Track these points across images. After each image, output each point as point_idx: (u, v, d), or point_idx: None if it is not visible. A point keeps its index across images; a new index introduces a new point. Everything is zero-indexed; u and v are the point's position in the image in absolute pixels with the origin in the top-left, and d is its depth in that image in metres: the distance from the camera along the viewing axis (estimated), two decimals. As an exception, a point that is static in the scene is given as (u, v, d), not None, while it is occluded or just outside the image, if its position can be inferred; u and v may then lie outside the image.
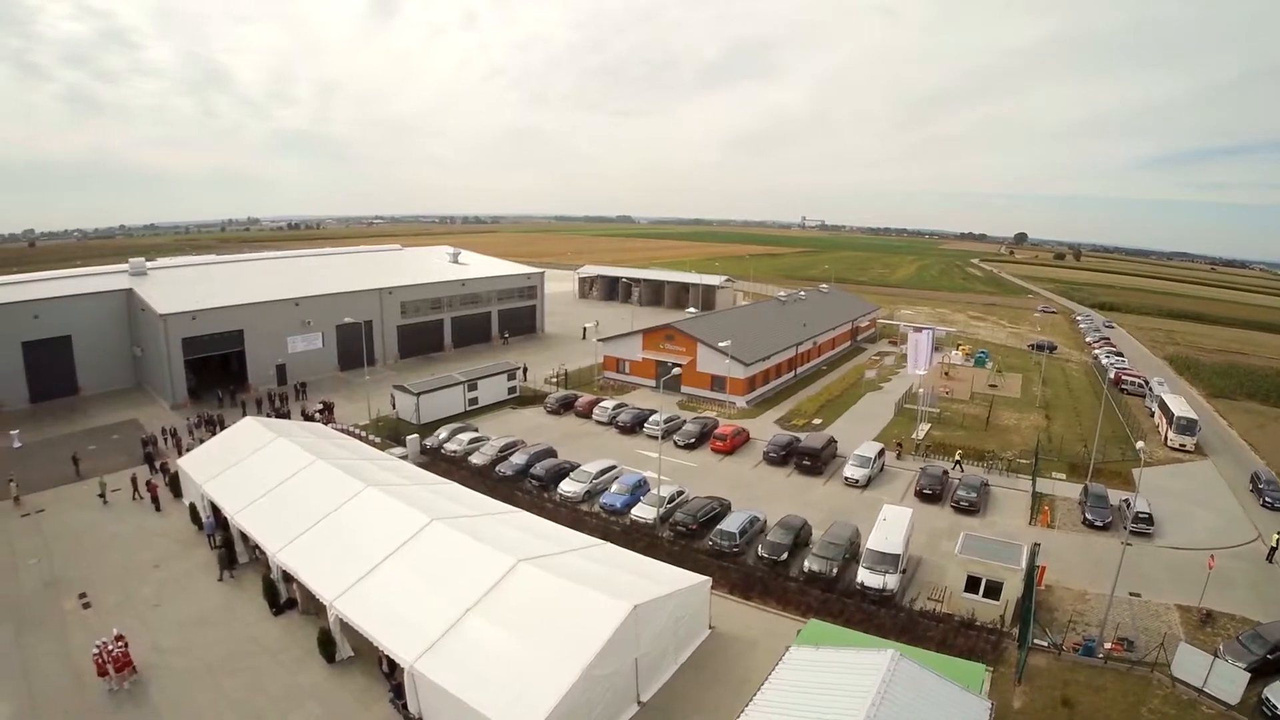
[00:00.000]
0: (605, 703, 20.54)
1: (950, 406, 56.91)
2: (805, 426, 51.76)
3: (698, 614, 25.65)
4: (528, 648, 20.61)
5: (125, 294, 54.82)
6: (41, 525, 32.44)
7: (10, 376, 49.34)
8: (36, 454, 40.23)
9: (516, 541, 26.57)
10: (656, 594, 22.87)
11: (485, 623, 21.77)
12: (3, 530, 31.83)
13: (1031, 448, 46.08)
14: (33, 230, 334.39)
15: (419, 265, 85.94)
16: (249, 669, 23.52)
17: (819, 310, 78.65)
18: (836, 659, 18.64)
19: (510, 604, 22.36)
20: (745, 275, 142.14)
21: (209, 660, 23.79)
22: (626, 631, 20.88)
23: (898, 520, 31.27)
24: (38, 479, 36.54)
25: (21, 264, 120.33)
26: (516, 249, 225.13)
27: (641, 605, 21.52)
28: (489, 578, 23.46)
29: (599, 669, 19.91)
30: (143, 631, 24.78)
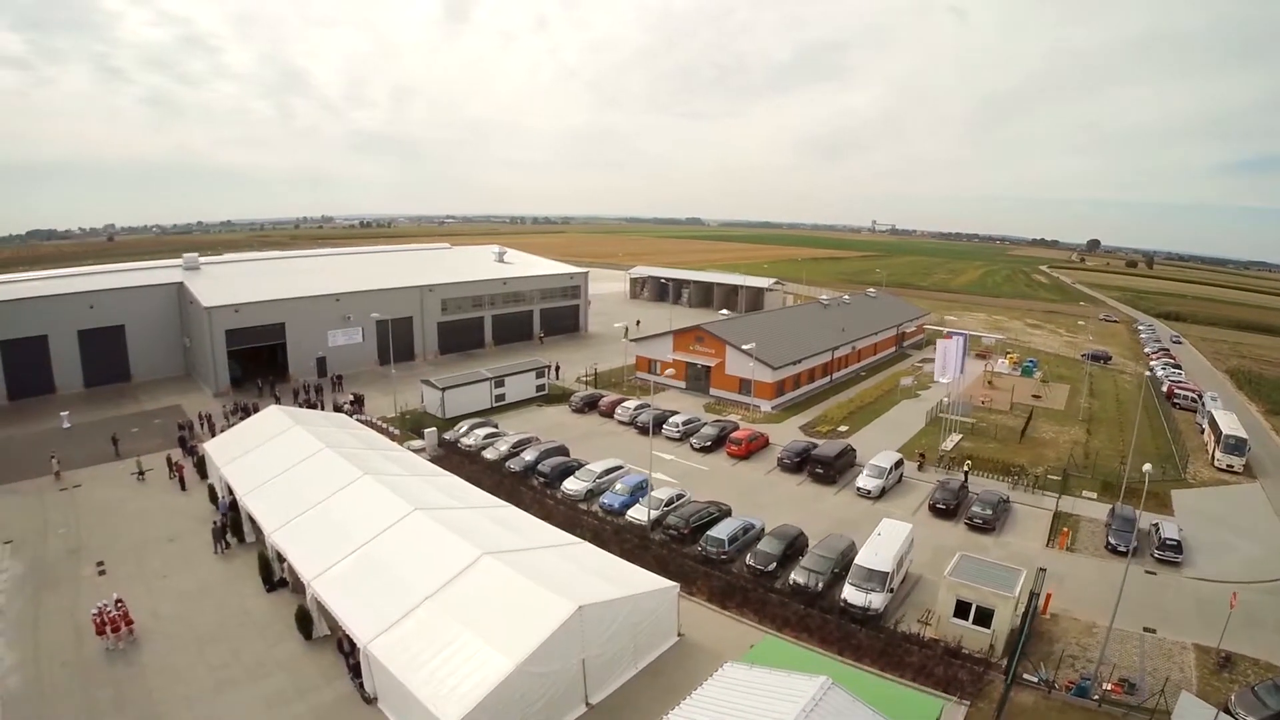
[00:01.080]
0: (546, 700, 21.28)
1: (987, 417, 55.23)
2: (829, 433, 51.14)
3: (663, 620, 26.01)
4: (472, 638, 21.63)
5: (177, 287, 60.23)
6: (76, 499, 36.42)
7: (67, 362, 55.05)
8: (83, 435, 44.86)
9: (491, 535, 27.85)
10: (609, 596, 23.51)
11: (439, 611, 23.03)
12: (40, 502, 35.94)
13: (1066, 463, 44.28)
14: (113, 225, 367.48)
15: (464, 264, 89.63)
16: (233, 639, 25.75)
17: (862, 315, 77.38)
18: (767, 681, 18.47)
19: (466, 595, 23.58)
20: (797, 278, 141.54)
21: (199, 629, 26.24)
22: (570, 631, 21.58)
23: (894, 536, 30.61)
24: (79, 457, 40.90)
25: (99, 257, 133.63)
26: (579, 249, 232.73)
27: (588, 606, 22.17)
28: (453, 568, 24.80)
29: (537, 666, 20.70)
30: (146, 599, 27.59)
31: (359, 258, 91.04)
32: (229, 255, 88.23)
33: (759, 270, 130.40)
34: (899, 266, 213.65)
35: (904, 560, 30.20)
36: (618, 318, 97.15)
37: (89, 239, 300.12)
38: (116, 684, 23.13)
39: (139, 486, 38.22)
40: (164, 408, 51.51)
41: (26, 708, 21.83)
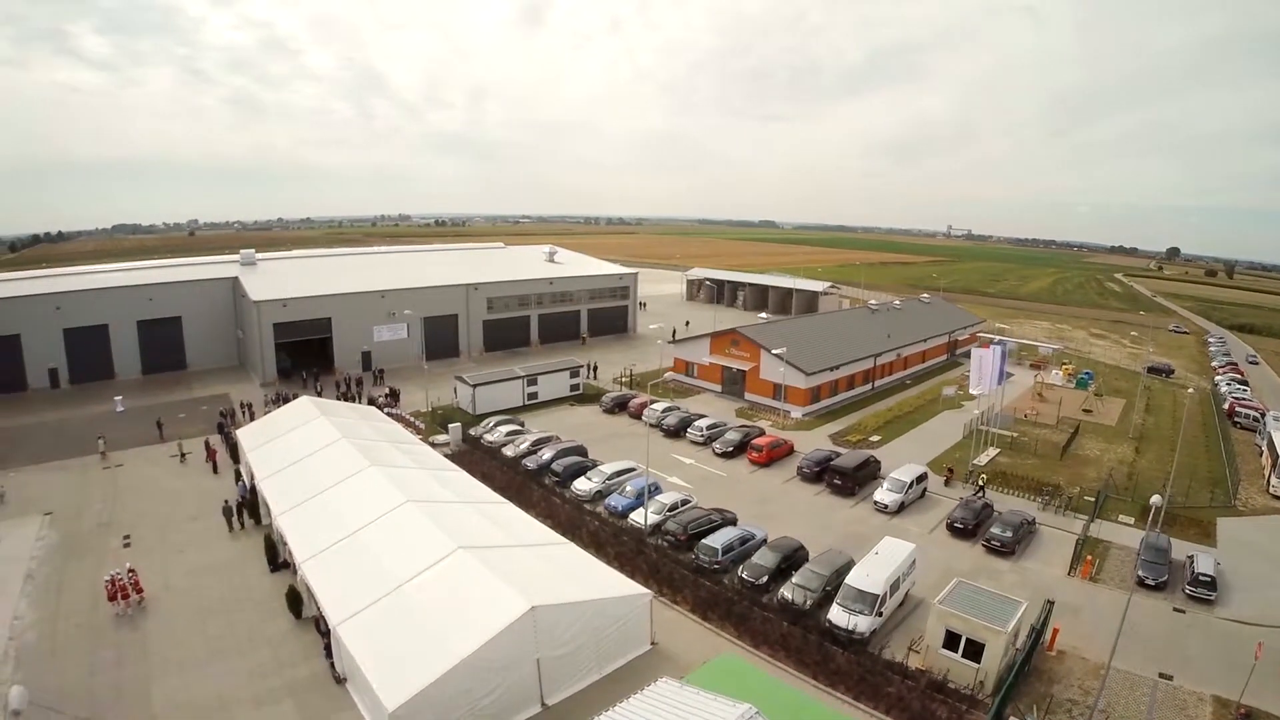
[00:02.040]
0: (496, 696, 22.03)
1: (1030, 431, 53.23)
2: (859, 443, 50.27)
3: (633, 627, 26.26)
4: (429, 628, 22.80)
5: (232, 282, 65.36)
6: (117, 477, 40.38)
7: (126, 350, 60.77)
8: (134, 418, 49.49)
9: (474, 530, 29.02)
10: (569, 599, 24.09)
11: (406, 599, 24.32)
12: (84, 479, 40.07)
13: (1104, 484, 42.10)
14: (197, 220, 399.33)
15: (513, 263, 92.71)
16: (231, 613, 28.02)
17: (912, 321, 75.62)
18: (692, 702, 18.18)
19: (433, 586, 24.78)
20: (855, 282, 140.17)
21: (203, 602, 28.71)
22: (522, 630, 22.29)
23: (892, 556, 29.76)
24: (126, 439, 45.26)
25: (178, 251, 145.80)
26: (647, 251, 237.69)
27: (542, 607, 22.80)
28: (428, 559, 26.11)
29: (485, 661, 21.52)
30: (161, 571, 30.44)
31: (414, 256, 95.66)
32: (287, 252, 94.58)
33: (816, 274, 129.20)
34: (968, 273, 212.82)
35: (901, 582, 29.26)
36: (670, 319, 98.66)
37: (171, 234, 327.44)
38: (119, 646, 25.76)
39: (176, 467, 41.98)
40: (213, 395, 56.14)
41: (37, 660, 24.72)
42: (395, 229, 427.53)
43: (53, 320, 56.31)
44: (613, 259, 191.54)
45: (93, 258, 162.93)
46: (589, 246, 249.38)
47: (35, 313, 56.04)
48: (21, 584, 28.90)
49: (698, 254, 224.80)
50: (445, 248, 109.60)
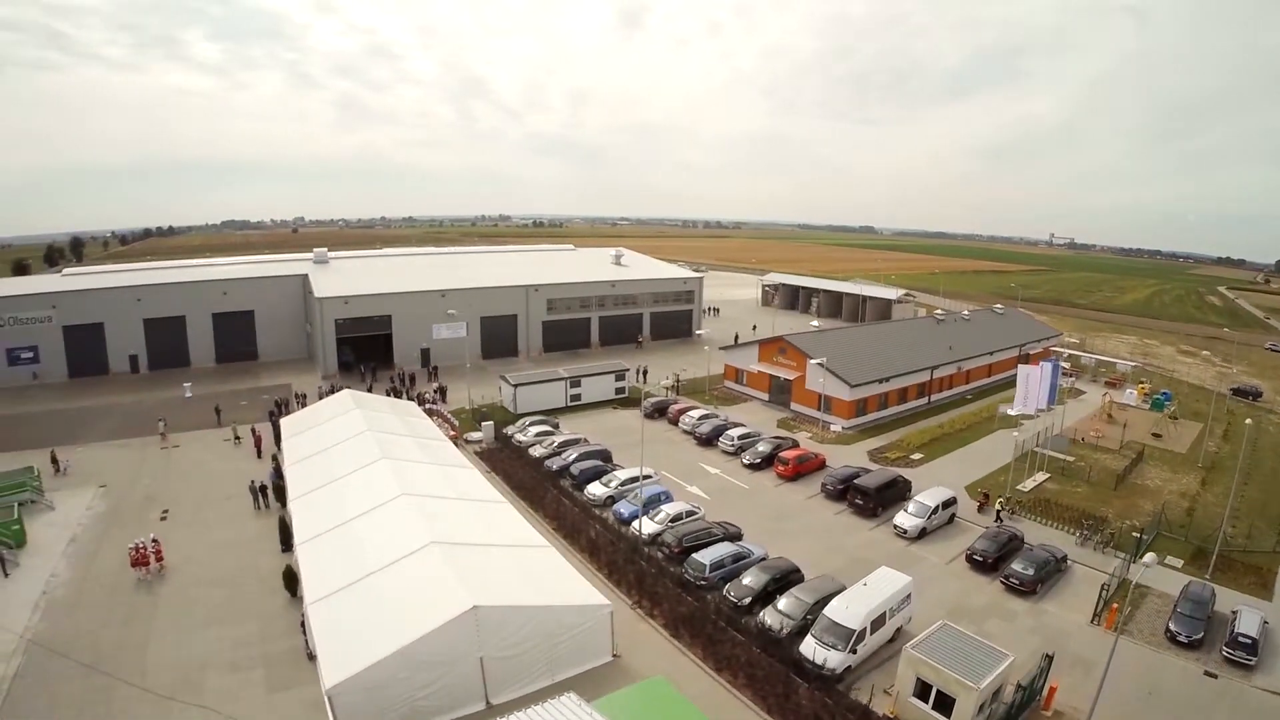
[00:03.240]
0: (436, 689, 23.15)
1: (1089, 455, 49.61)
2: (898, 461, 48.54)
3: (591, 637, 26.53)
4: (382, 616, 24.30)
5: (302, 279, 71.24)
6: (170, 457, 45.34)
7: (201, 341, 67.60)
8: (199, 404, 55.13)
9: (457, 527, 30.51)
10: (518, 602, 24.88)
11: (373, 587, 26.00)
12: (141, 457, 45.22)
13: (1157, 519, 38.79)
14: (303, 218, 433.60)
15: (579, 265, 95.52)
16: (236, 587, 30.96)
17: (980, 332, 72.29)
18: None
19: (400, 576, 26.35)
20: (934, 290, 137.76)
21: (215, 574, 31.89)
22: (463, 627, 23.30)
23: (882, 588, 28.45)
24: (187, 422, 50.64)
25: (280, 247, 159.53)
26: (738, 254, 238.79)
27: (485, 608, 23.72)
28: (403, 550, 27.77)
29: (422, 653, 22.70)
30: (185, 544, 34.06)
31: (482, 256, 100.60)
32: (362, 251, 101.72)
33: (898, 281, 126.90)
34: (1063, 282, 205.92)
35: (889, 618, 27.82)
36: (740, 324, 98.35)
37: (276, 230, 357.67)
38: (132, 606, 29.23)
39: (227, 450, 46.58)
40: (276, 385, 61.52)
41: (61, 611, 28.61)
42: (494, 229, 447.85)
43: (134, 311, 63.96)
44: (703, 263, 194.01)
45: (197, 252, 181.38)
46: (682, 250, 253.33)
47: (118, 303, 63.79)
48: (65, 546, 33.35)
49: (789, 259, 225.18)
50: (516, 249, 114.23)
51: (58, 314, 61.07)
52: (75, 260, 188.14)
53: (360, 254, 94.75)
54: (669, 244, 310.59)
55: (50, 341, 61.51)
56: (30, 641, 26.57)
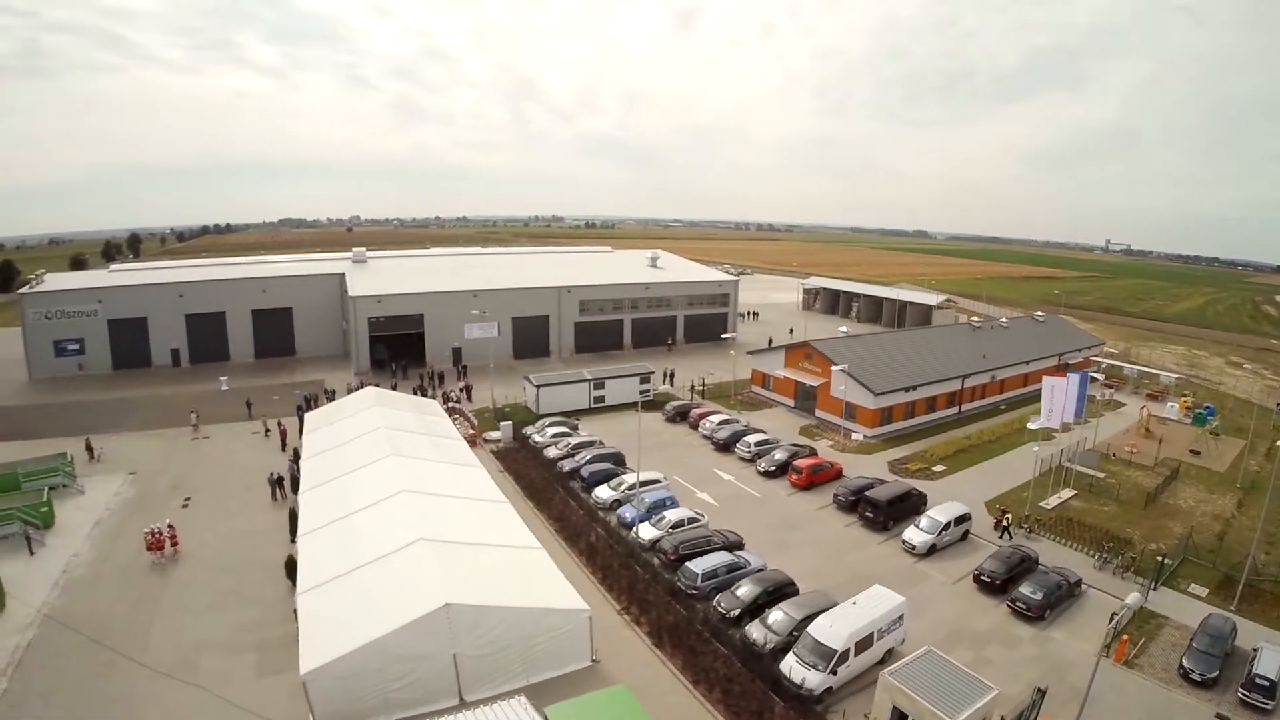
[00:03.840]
0: (409, 682, 23.85)
1: (1122, 472, 47.47)
2: (918, 473, 47.40)
3: (570, 641, 26.74)
4: (362, 608, 25.14)
5: (340, 277, 73.86)
6: (200, 447, 47.83)
7: (241, 336, 70.87)
8: (234, 397, 57.59)
9: (449, 525, 31.08)
10: (493, 602, 25.31)
11: (360, 579, 26.94)
12: (172, 446, 47.80)
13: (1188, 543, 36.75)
14: (358, 217, 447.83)
15: (614, 267, 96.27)
16: (243, 574, 32.44)
17: (1018, 340, 70.05)
18: None
19: (386, 571, 27.22)
20: (978, 295, 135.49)
21: (225, 561, 33.51)
22: (434, 624, 23.93)
23: (871, 608, 27.65)
24: (219, 414, 53.27)
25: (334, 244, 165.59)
26: (786, 257, 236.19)
27: (458, 606, 24.30)
28: (394, 545, 28.67)
29: (395, 646, 23.46)
30: (202, 531, 35.90)
31: (519, 257, 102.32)
32: (399, 251, 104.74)
33: (943, 286, 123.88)
34: (1115, 290, 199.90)
35: (876, 639, 26.99)
36: (779, 328, 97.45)
37: (331, 229, 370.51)
38: (145, 588, 31.04)
39: (255, 442, 48.78)
40: (309, 381, 64.06)
41: (78, 589, 30.69)
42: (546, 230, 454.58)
43: (176, 306, 67.65)
44: (749, 266, 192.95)
45: (251, 249, 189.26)
46: (731, 252, 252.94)
47: (161, 299, 67.55)
48: (90, 529, 35.60)
49: (838, 262, 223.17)
50: (555, 250, 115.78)
51: (103, 308, 65.21)
52: (133, 256, 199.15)
53: (398, 254, 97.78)
54: (719, 246, 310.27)
55: (96, 334, 65.66)
56: (46, 616, 28.50)
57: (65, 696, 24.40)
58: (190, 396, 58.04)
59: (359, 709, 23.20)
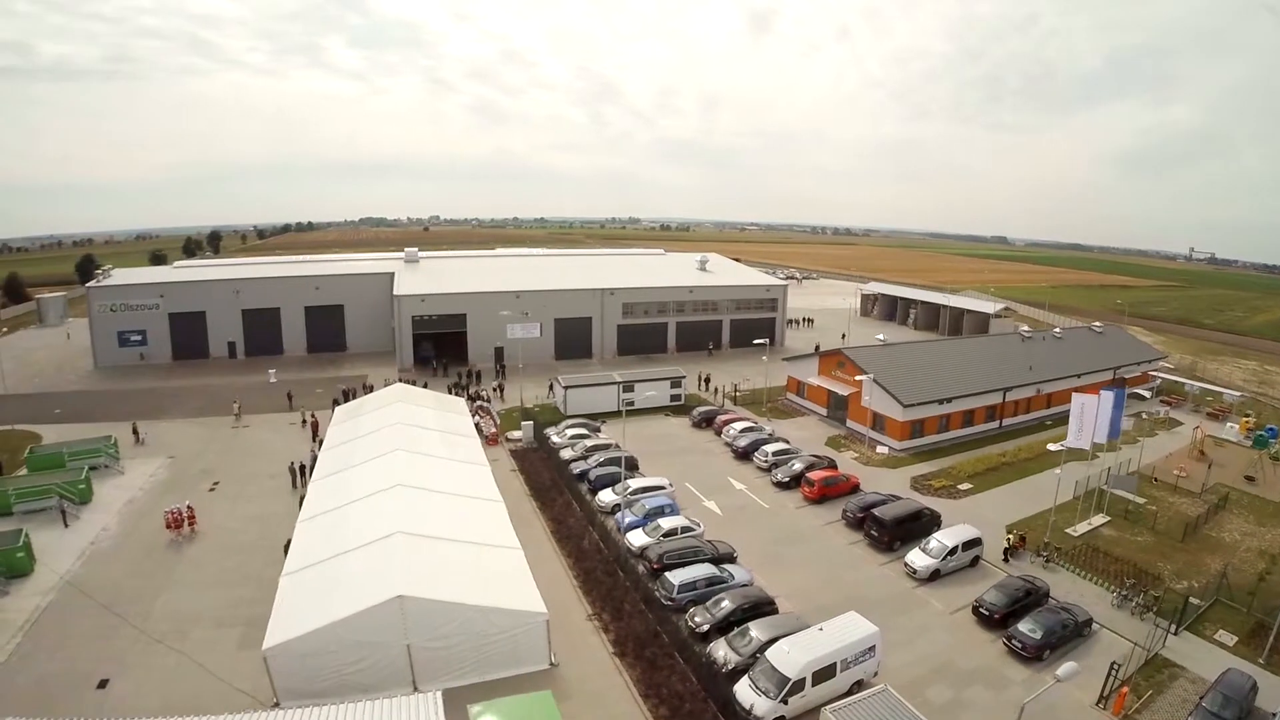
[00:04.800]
0: (364, 667, 24.99)
1: (1164, 498, 44.10)
2: (942, 490, 45.53)
3: (526, 643, 27.11)
4: (329, 593, 26.55)
5: (390, 276, 77.09)
6: (238, 435, 51.36)
7: (294, 331, 75.33)
8: (280, 389, 61.24)
9: (433, 520, 32.10)
10: (444, 598, 26.07)
11: (338, 566, 28.45)
12: (212, 434, 51.48)
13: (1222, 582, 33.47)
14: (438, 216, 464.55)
15: (663, 269, 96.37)
16: (250, 554, 34.68)
17: (1070, 352, 66.12)
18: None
19: (361, 560, 28.56)
20: (1041, 303, 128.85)
21: (237, 542, 35.99)
22: (387, 613, 24.97)
23: (838, 635, 26.51)
24: (262, 405, 56.92)
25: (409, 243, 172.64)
26: (859, 262, 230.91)
27: (411, 598, 25.27)
28: (374, 535, 30.04)
29: (349, 631, 24.68)
30: (221, 514, 38.69)
31: (570, 259, 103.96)
32: (449, 251, 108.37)
33: (991, 292, 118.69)
34: (1193, 300, 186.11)
35: (839, 669, 25.79)
36: (833, 335, 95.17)
37: (410, 228, 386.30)
38: (159, 562, 33.92)
39: (288, 433, 51.83)
40: (354, 375, 67.35)
41: (99, 560, 33.90)
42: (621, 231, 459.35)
43: (233, 301, 72.76)
44: (814, 270, 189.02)
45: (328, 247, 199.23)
46: (807, 258, 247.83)
47: (219, 294, 72.81)
48: (122, 506, 39.00)
49: (911, 268, 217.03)
50: (607, 252, 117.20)
51: (164, 302, 71.00)
52: (213, 252, 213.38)
53: (450, 254, 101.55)
54: (792, 250, 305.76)
55: (157, 327, 71.51)
56: (67, 582, 31.52)
57: (68, 653, 27.11)
58: (239, 387, 62.35)
59: (317, 687, 24.38)
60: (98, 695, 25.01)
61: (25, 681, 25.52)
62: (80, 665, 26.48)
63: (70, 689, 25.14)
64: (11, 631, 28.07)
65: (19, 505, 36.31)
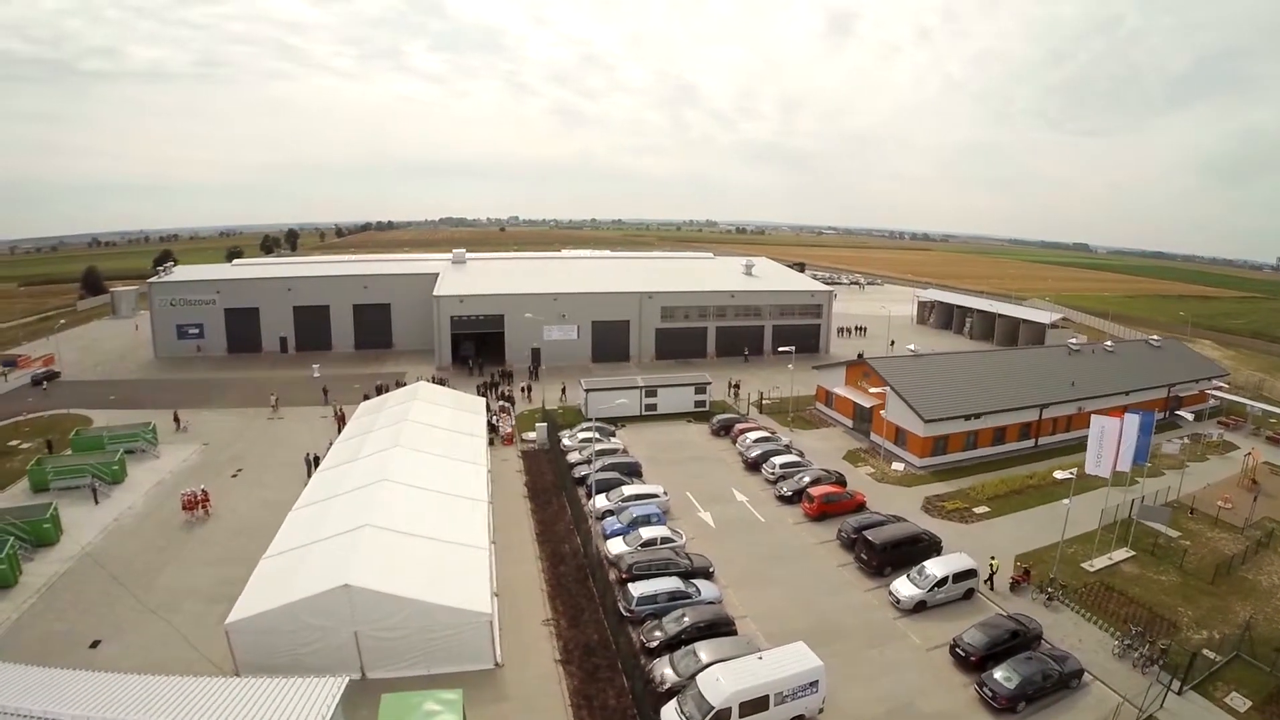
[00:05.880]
0: (316, 649, 26.46)
1: (1202, 532, 40.35)
2: (956, 513, 43.37)
3: (470, 641, 27.81)
4: (291, 577, 28.29)
5: (434, 276, 79.81)
6: (271, 426, 54.89)
7: (342, 328, 79.33)
8: (321, 384, 64.14)
9: (406, 516, 33.38)
10: (389, 590, 27.16)
11: (308, 552, 30.23)
12: (249, 423, 55.17)
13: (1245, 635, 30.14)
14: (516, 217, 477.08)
15: (709, 273, 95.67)
16: (253, 538, 36.06)
17: (1121, 367, 61.50)
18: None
19: (328, 548, 30.17)
20: (1104, 313, 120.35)
21: (245, 526, 38.48)
22: (335, 600, 26.43)
23: (778, 666, 25.42)
24: (300, 399, 60.45)
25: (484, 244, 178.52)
26: (934, 268, 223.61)
27: (357, 588, 26.61)
28: (345, 527, 31.65)
29: (301, 613, 26.28)
30: (236, 498, 41.56)
31: (620, 262, 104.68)
32: (501, 253, 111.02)
33: (1045, 299, 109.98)
34: (1271, 313, 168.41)
35: (773, 702, 24.68)
36: (882, 343, 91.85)
37: (488, 228, 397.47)
38: (171, 540, 37.00)
39: (318, 426, 54.77)
40: (393, 372, 70.39)
41: (119, 534, 37.22)
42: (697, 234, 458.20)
43: (285, 298, 77.45)
44: (879, 275, 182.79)
45: (402, 246, 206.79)
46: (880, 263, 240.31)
47: (271, 291, 77.83)
48: (150, 487, 42.53)
49: (984, 275, 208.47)
50: (654, 255, 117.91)
51: (221, 298, 76.59)
52: (290, 250, 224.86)
53: (499, 256, 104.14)
54: (866, 255, 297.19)
55: (214, 321, 77.25)
56: (86, 553, 34.77)
57: (73, 615, 30.24)
58: (283, 381, 66.49)
59: (273, 663, 25.83)
60: (88, 654, 27.65)
61: (30, 637, 28.59)
62: (80, 627, 29.40)
63: (67, 646, 27.86)
64: (28, 593, 31.43)
65: (55, 482, 40.39)
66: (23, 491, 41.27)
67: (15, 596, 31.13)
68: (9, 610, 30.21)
